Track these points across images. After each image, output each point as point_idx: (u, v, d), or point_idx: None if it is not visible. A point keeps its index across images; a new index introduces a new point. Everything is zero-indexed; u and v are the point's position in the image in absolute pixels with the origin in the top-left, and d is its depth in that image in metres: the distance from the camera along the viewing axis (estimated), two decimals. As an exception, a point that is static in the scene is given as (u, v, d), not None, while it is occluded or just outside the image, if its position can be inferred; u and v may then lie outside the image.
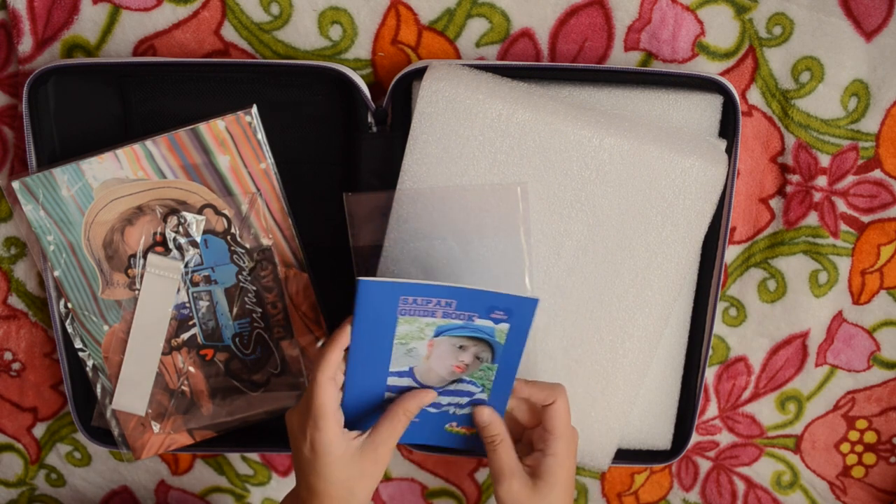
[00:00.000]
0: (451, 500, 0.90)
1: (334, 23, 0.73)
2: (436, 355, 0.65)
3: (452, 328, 0.64)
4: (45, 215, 0.71)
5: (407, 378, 0.66)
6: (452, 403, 0.68)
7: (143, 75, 0.73)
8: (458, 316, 0.63)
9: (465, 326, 0.64)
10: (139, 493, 0.90)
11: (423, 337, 0.64)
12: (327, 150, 0.75)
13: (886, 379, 0.83)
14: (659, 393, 0.79)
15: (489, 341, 0.64)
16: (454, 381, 0.67)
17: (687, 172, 0.68)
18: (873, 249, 0.79)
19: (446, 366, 0.66)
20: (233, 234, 0.73)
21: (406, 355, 0.65)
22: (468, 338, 0.64)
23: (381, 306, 0.62)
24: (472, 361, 0.65)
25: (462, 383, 0.67)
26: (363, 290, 0.61)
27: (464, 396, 0.68)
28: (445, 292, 0.61)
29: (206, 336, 0.75)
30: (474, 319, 0.63)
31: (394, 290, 0.61)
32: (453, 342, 0.65)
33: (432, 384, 0.67)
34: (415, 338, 0.64)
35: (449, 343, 0.65)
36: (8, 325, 0.82)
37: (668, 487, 0.89)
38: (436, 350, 0.65)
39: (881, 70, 0.74)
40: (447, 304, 0.62)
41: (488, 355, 0.65)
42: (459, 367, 0.66)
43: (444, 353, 0.65)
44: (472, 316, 0.63)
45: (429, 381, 0.66)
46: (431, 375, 0.66)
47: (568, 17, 0.73)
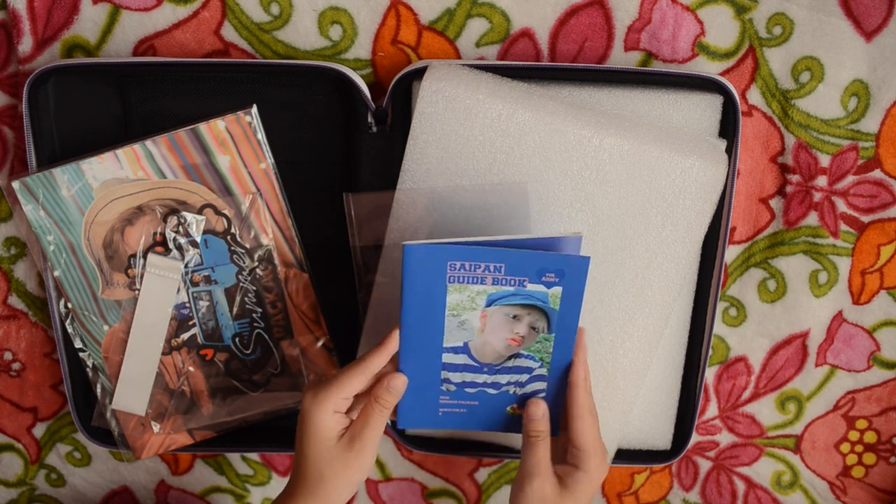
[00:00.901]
0: (451, 500, 0.90)
1: (334, 23, 0.73)
2: (490, 327, 0.64)
3: (504, 296, 0.63)
4: (45, 215, 0.71)
5: (462, 354, 0.66)
6: (512, 382, 0.67)
7: (143, 75, 0.73)
8: (508, 282, 0.62)
9: (516, 293, 0.62)
10: (139, 493, 0.90)
11: (475, 307, 0.63)
12: (327, 150, 0.75)
13: (886, 379, 0.83)
14: (659, 393, 0.79)
15: (543, 308, 0.63)
16: (511, 357, 0.66)
17: (687, 172, 0.68)
18: (873, 249, 0.79)
19: (501, 338, 0.65)
20: (233, 234, 0.73)
21: (459, 328, 0.64)
22: (521, 306, 0.63)
23: (430, 274, 0.61)
24: (528, 332, 0.65)
25: (520, 358, 0.66)
26: (410, 256, 0.60)
27: (523, 373, 0.67)
28: (494, 255, 0.61)
29: (206, 336, 0.75)
30: (525, 285, 0.62)
31: (440, 254, 0.60)
32: (506, 311, 0.64)
33: (489, 361, 0.66)
34: (466, 308, 0.63)
35: (502, 313, 0.64)
36: (8, 325, 0.82)
37: (668, 487, 0.89)
38: (489, 321, 0.64)
39: (881, 70, 0.74)
40: (496, 268, 0.61)
41: (544, 324, 0.64)
42: (515, 339, 0.65)
43: (497, 324, 0.64)
44: (523, 281, 0.62)
45: (485, 357, 0.66)
46: (487, 350, 0.66)
47: (568, 17, 0.73)
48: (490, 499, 0.90)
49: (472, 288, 0.62)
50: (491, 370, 0.67)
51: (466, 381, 0.67)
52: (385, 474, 0.89)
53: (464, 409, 0.69)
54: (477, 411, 0.69)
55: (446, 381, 0.67)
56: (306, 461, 0.64)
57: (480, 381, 0.67)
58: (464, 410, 0.69)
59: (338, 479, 0.64)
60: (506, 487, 0.89)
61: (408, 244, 0.60)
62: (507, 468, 0.89)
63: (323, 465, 0.64)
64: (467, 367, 0.66)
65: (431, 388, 0.67)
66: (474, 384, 0.67)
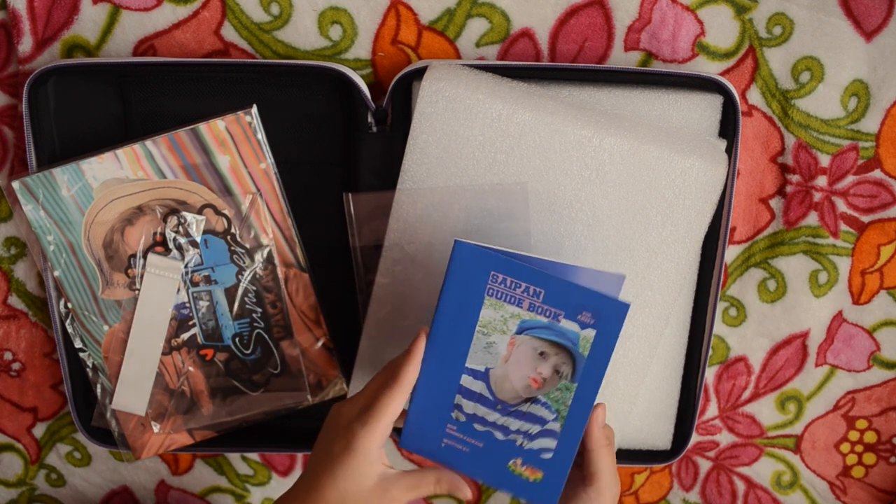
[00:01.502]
0: (451, 500, 0.90)
1: (334, 23, 0.73)
2: (514, 358, 0.62)
3: (537, 326, 0.60)
4: (45, 215, 0.71)
5: (481, 382, 0.62)
6: (522, 431, 0.64)
7: (143, 75, 0.73)
8: (544, 311, 0.60)
9: (549, 327, 0.60)
10: (139, 493, 0.90)
11: (506, 331, 0.61)
12: (327, 150, 0.75)
13: (886, 379, 0.83)
14: (659, 393, 0.79)
15: (572, 351, 0.61)
16: (528, 401, 0.63)
17: (687, 172, 0.68)
18: (873, 249, 0.79)
19: (523, 375, 0.62)
20: (233, 234, 0.73)
21: (485, 351, 0.61)
22: (551, 343, 0.61)
23: (472, 279, 0.59)
24: (551, 375, 0.62)
25: (536, 405, 0.63)
26: (459, 253, 0.58)
27: (535, 423, 0.63)
28: (537, 278, 0.59)
29: (206, 336, 0.75)
30: (560, 319, 0.60)
31: (487, 261, 0.59)
32: (535, 345, 0.61)
33: (505, 398, 0.63)
34: (497, 329, 0.61)
35: (530, 346, 0.61)
36: (8, 325, 0.82)
37: (668, 487, 0.89)
38: (516, 351, 0.61)
39: (881, 70, 0.74)
40: (535, 292, 0.59)
41: (569, 370, 0.61)
42: (537, 380, 0.62)
43: (523, 356, 0.62)
44: (559, 315, 0.60)
45: (502, 392, 0.63)
46: (506, 386, 0.63)
47: (568, 17, 0.73)
48: (490, 499, 0.90)
49: (508, 308, 0.60)
50: (504, 410, 0.63)
51: (478, 414, 0.64)
52: (385, 474, 0.89)
53: (467, 449, 0.65)
54: (479, 455, 0.65)
55: (458, 407, 0.64)
56: (335, 489, 0.60)
57: (491, 419, 0.64)
58: (467, 450, 0.65)
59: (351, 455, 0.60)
60: (506, 487, 0.89)
61: (460, 241, 0.58)
62: (507, 468, 0.88)
63: (354, 491, 0.60)
64: (482, 398, 0.63)
65: (442, 411, 0.64)
66: (485, 421, 0.64)
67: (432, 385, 0.63)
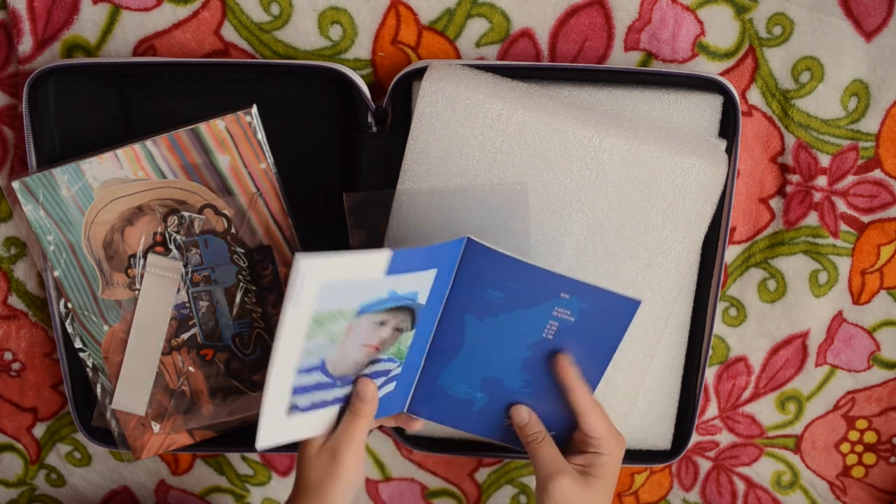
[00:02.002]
0: (451, 500, 0.90)
1: (334, 23, 0.73)
2: (352, 338, 0.61)
3: (376, 302, 0.60)
4: (45, 215, 0.71)
5: (316, 373, 0.61)
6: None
7: (143, 75, 0.73)
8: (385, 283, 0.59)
9: (389, 298, 0.60)
10: (139, 493, 0.90)
11: (345, 320, 0.60)
12: (327, 150, 0.75)
13: (886, 379, 0.83)
14: (659, 393, 0.79)
15: (411, 306, 0.61)
16: (369, 363, 0.64)
17: (687, 172, 0.68)
18: (873, 249, 0.79)
19: (361, 347, 0.62)
20: (233, 234, 0.73)
21: (318, 348, 0.60)
22: (389, 310, 0.61)
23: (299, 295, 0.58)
24: (391, 335, 0.62)
25: (378, 363, 0.64)
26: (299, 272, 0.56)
27: (380, 377, 0.65)
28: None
29: (206, 336, 0.75)
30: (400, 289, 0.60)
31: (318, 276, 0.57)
32: (374, 319, 0.61)
33: (345, 373, 0.63)
34: (331, 323, 0.59)
35: (369, 321, 0.61)
36: (8, 325, 0.82)
37: (668, 487, 0.89)
38: (353, 332, 0.61)
39: (881, 70, 0.74)
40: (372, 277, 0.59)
41: (408, 323, 0.62)
42: (374, 345, 0.62)
43: (362, 332, 0.61)
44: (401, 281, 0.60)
45: (340, 370, 0.62)
46: (344, 363, 0.62)
47: (568, 17, 0.73)
48: (490, 499, 0.90)
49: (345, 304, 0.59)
50: (345, 381, 0.64)
51: (316, 402, 0.63)
52: (385, 474, 0.89)
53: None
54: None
55: (294, 407, 0.62)
56: (299, 470, 0.65)
57: (332, 396, 0.64)
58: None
59: (329, 491, 0.63)
60: (506, 487, 0.89)
61: (300, 254, 0.56)
62: (507, 468, 0.89)
63: (313, 474, 0.63)
64: (318, 385, 0.62)
65: (280, 408, 0.62)
66: (324, 402, 0.64)
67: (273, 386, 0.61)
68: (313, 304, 0.57)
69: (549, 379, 0.67)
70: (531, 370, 0.67)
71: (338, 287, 0.57)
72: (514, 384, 0.68)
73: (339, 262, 0.56)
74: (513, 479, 0.89)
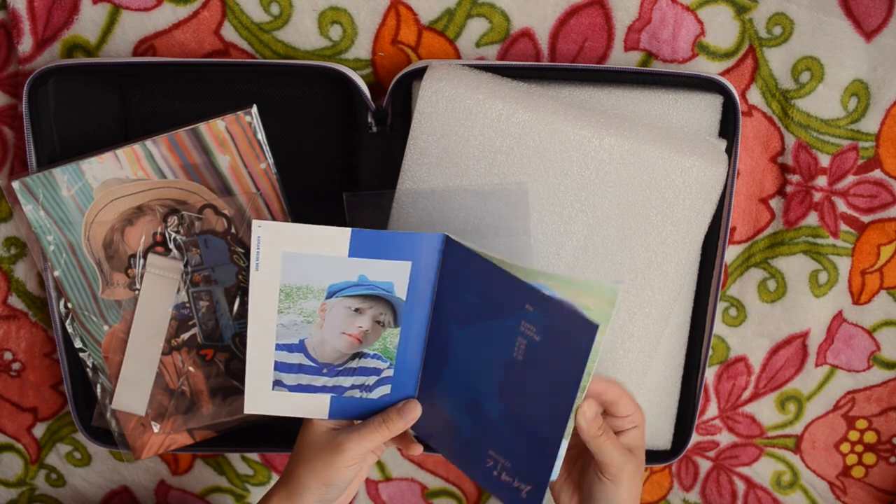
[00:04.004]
0: (451, 500, 0.90)
1: (334, 23, 0.73)
2: (329, 322, 0.62)
3: (345, 287, 0.60)
4: (45, 215, 0.71)
5: (297, 353, 0.63)
6: (357, 386, 0.65)
7: (143, 75, 0.73)
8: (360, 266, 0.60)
9: (358, 283, 0.60)
10: (139, 493, 0.90)
11: (315, 299, 0.61)
12: (327, 150, 0.75)
13: (886, 379, 0.83)
14: (659, 393, 0.79)
15: (388, 298, 0.61)
16: (355, 357, 0.63)
17: (687, 172, 0.68)
18: (873, 249, 0.79)
19: (340, 335, 0.63)
20: (233, 234, 0.73)
21: (294, 326, 0.61)
22: (363, 297, 0.61)
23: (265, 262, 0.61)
24: (372, 327, 0.62)
25: (365, 359, 0.63)
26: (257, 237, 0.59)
27: (371, 375, 0.65)
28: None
29: (206, 336, 0.75)
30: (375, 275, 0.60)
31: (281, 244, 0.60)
32: (347, 304, 0.61)
33: (329, 361, 0.64)
34: (301, 299, 0.61)
35: (342, 306, 0.61)
36: (8, 325, 0.82)
37: (668, 487, 0.89)
38: (329, 315, 0.61)
39: (881, 70, 0.74)
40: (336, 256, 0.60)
41: (390, 317, 0.62)
42: (355, 335, 0.62)
43: (337, 317, 0.62)
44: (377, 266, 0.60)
45: (325, 356, 0.63)
46: (326, 350, 0.63)
47: (568, 17, 0.73)
48: (490, 499, 0.90)
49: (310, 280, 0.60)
50: (332, 371, 0.64)
51: (302, 383, 0.64)
52: (385, 474, 0.89)
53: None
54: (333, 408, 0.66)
55: (279, 382, 0.64)
56: (298, 445, 0.66)
57: (319, 383, 0.64)
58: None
59: (314, 474, 0.64)
60: (506, 487, 0.89)
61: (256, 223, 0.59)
62: (507, 468, 0.89)
63: (311, 452, 0.64)
64: (303, 367, 0.63)
65: (266, 384, 0.65)
66: (312, 387, 0.64)
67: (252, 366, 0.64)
68: (279, 275, 0.59)
69: (520, 412, 0.61)
70: (506, 397, 0.61)
71: (301, 259, 0.59)
72: (491, 411, 0.62)
73: (295, 231, 0.59)
74: (513, 479, 0.89)
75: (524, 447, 0.61)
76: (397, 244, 0.60)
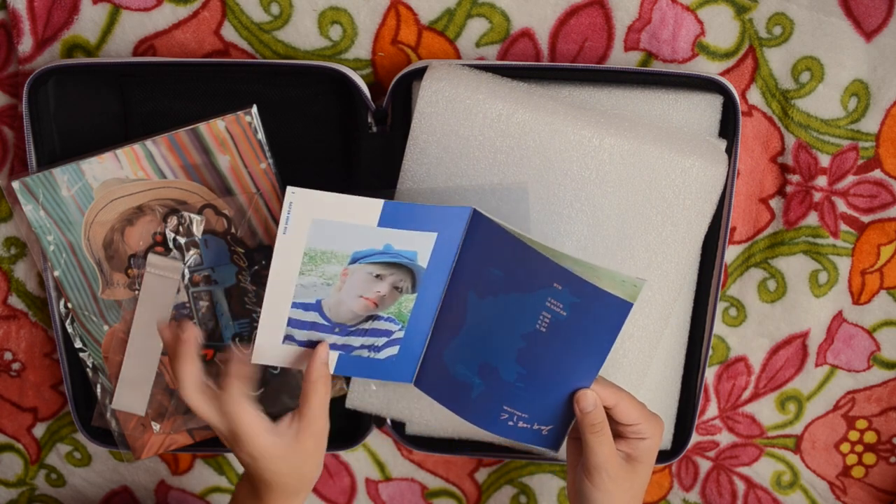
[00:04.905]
0: (451, 500, 0.90)
1: (334, 23, 0.73)
2: (348, 285, 0.63)
3: (370, 254, 0.61)
4: (45, 215, 0.71)
5: (313, 312, 0.64)
6: (366, 346, 0.66)
7: (143, 75, 0.73)
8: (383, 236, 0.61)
9: (384, 252, 0.61)
10: (139, 493, 0.90)
11: (338, 263, 0.61)
12: (327, 150, 0.75)
13: (886, 379, 0.83)
14: (659, 393, 0.79)
15: (410, 266, 0.62)
16: (368, 319, 0.64)
17: (687, 172, 0.68)
18: (873, 249, 0.79)
19: (358, 297, 0.63)
20: (233, 234, 0.73)
21: (314, 286, 0.62)
22: (385, 264, 0.62)
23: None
24: (390, 292, 0.63)
25: (378, 321, 0.65)
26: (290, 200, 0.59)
27: (382, 336, 0.66)
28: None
29: (206, 336, 0.75)
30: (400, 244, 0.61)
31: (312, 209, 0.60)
32: (369, 270, 0.62)
33: (343, 321, 0.64)
34: (325, 263, 0.61)
35: (364, 271, 0.62)
36: (8, 325, 0.82)
37: (668, 487, 0.89)
38: (349, 279, 0.62)
39: (881, 70, 0.74)
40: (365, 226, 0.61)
41: (408, 284, 0.63)
42: (372, 299, 0.63)
43: (357, 281, 0.62)
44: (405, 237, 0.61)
45: (339, 316, 0.64)
46: (342, 310, 0.64)
47: (568, 17, 0.73)
48: (490, 499, 0.90)
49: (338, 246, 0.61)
50: (343, 331, 0.65)
51: (313, 339, 0.65)
52: (385, 474, 0.89)
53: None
54: (348, 364, 0.68)
55: (289, 337, 0.65)
56: (272, 474, 0.64)
57: (329, 342, 0.66)
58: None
59: (312, 462, 0.64)
60: (506, 487, 0.89)
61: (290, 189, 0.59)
62: (507, 468, 0.89)
63: (294, 466, 0.64)
64: (315, 325, 0.64)
65: (276, 339, 0.66)
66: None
67: (265, 319, 0.64)
68: (306, 239, 0.60)
69: (542, 376, 0.66)
70: (525, 363, 0.65)
71: (330, 226, 0.60)
72: (508, 375, 0.66)
73: (329, 200, 0.59)
74: (513, 479, 0.89)
75: (544, 404, 0.66)
76: (426, 216, 0.61)
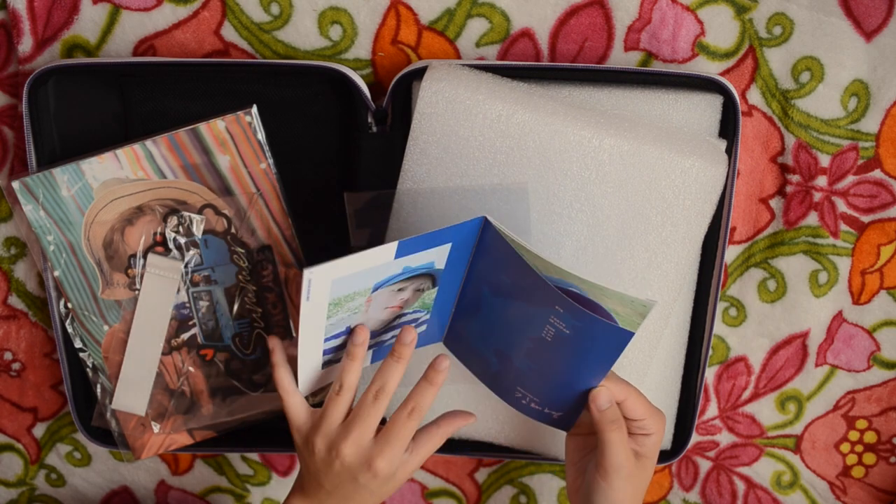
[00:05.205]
0: (451, 500, 0.90)
1: (334, 23, 0.73)
2: (373, 306, 0.65)
3: (390, 279, 0.63)
4: (45, 215, 0.71)
5: (343, 336, 0.66)
6: (396, 336, 0.67)
7: (143, 75, 0.73)
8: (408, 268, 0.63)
9: (402, 273, 0.63)
10: (139, 493, 0.90)
11: (363, 295, 0.63)
12: (327, 150, 0.75)
13: (886, 379, 0.83)
14: (659, 393, 0.79)
15: (429, 271, 0.64)
16: (395, 318, 0.67)
17: (687, 172, 0.68)
18: (873, 249, 0.79)
19: (385, 309, 0.66)
20: (233, 234, 0.73)
21: (341, 320, 0.64)
22: (406, 279, 0.64)
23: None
24: (412, 295, 0.65)
25: (404, 317, 0.67)
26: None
27: (410, 325, 0.67)
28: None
29: (206, 336, 0.75)
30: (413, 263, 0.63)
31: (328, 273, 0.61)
32: (391, 288, 0.64)
33: (372, 329, 0.66)
34: (352, 300, 0.63)
35: (387, 291, 0.64)
36: (8, 325, 0.82)
37: (668, 487, 0.89)
38: (374, 303, 0.64)
39: (881, 70, 0.74)
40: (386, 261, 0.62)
41: (429, 283, 0.65)
42: (397, 306, 0.66)
43: (382, 300, 0.65)
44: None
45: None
46: (370, 324, 0.66)
47: (568, 17, 0.73)
48: (490, 499, 0.90)
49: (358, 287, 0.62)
50: (374, 335, 0.67)
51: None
52: (385, 474, 0.89)
53: None
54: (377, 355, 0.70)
55: (327, 362, 0.67)
56: (369, 493, 0.66)
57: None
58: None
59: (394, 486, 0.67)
60: (506, 487, 0.89)
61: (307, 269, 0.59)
62: (507, 468, 0.89)
63: (391, 489, 0.67)
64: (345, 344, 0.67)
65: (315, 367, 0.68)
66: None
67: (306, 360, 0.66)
68: (328, 296, 0.61)
69: (549, 374, 0.67)
70: (534, 360, 0.67)
71: (350, 278, 0.61)
72: (520, 364, 0.68)
73: (345, 263, 0.60)
74: (513, 479, 0.89)
75: (553, 395, 0.68)
76: (439, 236, 0.62)
